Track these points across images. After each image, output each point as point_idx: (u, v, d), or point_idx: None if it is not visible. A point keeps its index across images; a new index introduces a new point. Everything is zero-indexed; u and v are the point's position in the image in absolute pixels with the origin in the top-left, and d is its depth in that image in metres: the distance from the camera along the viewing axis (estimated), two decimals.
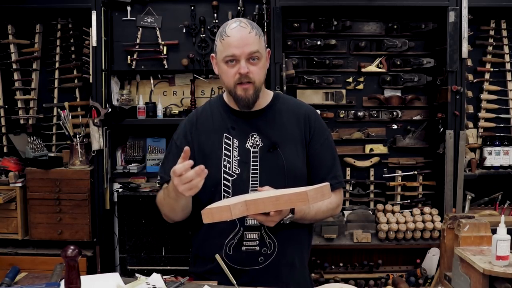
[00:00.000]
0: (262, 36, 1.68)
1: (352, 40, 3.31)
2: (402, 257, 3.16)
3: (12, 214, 3.04)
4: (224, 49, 1.63)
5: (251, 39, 1.61)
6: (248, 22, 1.66)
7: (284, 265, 1.72)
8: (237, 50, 1.60)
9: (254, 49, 1.62)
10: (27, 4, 3.08)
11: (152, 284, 1.50)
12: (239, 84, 1.64)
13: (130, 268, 3.06)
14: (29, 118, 3.34)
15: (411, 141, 3.34)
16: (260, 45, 1.65)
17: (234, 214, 1.43)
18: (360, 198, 3.34)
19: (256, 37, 1.63)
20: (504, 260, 1.43)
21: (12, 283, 1.56)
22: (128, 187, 3.17)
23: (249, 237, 1.69)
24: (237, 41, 1.60)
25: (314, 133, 1.76)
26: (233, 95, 1.69)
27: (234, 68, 1.63)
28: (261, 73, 1.67)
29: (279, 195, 1.41)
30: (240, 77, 1.62)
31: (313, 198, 1.37)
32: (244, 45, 1.60)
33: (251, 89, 1.65)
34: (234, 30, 1.62)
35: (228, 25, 1.65)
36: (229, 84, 1.67)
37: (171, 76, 3.40)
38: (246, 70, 1.61)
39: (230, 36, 1.61)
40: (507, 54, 3.37)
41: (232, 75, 1.64)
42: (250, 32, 1.62)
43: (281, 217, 1.58)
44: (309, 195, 1.35)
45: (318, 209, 1.72)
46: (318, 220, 1.84)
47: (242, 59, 1.61)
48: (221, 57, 1.65)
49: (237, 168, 1.69)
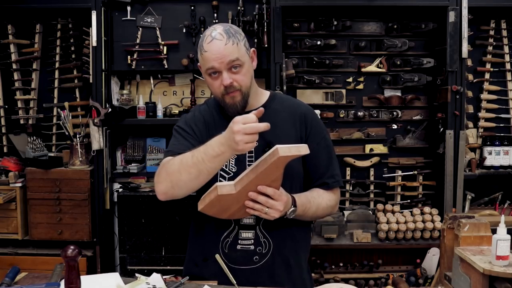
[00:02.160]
0: (242, 40, 1.65)
1: (352, 40, 3.31)
2: (402, 257, 3.16)
3: (12, 214, 3.04)
4: (204, 62, 1.64)
5: (228, 50, 1.60)
6: (224, 31, 1.61)
7: (279, 264, 1.72)
8: (215, 63, 1.60)
9: (233, 58, 1.60)
10: (27, 4, 3.08)
11: (152, 284, 1.50)
12: (225, 94, 1.65)
13: (130, 268, 3.06)
14: (29, 118, 3.34)
15: (411, 141, 3.34)
16: (240, 52, 1.62)
17: (221, 191, 1.43)
18: (360, 198, 3.34)
19: (234, 46, 1.61)
20: (504, 260, 1.43)
21: (12, 283, 1.56)
22: (128, 187, 3.17)
23: (244, 235, 1.69)
24: (214, 55, 1.59)
25: (310, 133, 1.76)
26: (222, 104, 1.69)
27: (217, 80, 1.63)
28: (246, 79, 1.66)
29: (256, 162, 1.43)
30: (225, 88, 1.63)
31: (284, 151, 1.38)
32: (222, 57, 1.59)
33: (238, 96, 1.65)
34: (210, 45, 1.60)
35: (204, 38, 1.63)
36: (216, 94, 1.68)
37: (171, 76, 3.40)
38: (229, 81, 1.61)
39: (207, 51, 1.61)
40: (507, 54, 3.37)
41: (217, 86, 1.65)
42: (226, 43, 1.60)
43: (284, 208, 1.55)
44: (279, 149, 1.37)
45: (318, 205, 1.71)
46: (318, 217, 1.84)
47: (223, 71, 1.61)
48: (204, 70, 1.66)
49: (234, 167, 1.70)
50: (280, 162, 1.42)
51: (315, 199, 1.71)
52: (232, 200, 1.50)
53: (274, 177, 1.49)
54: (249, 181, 1.44)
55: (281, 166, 1.47)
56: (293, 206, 1.60)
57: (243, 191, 1.47)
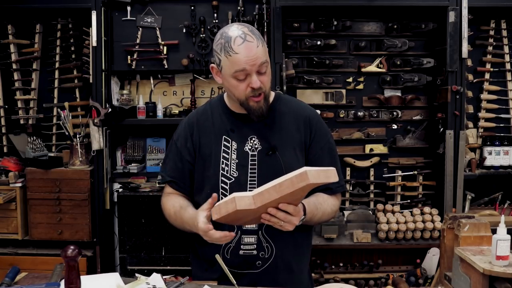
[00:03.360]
0: (264, 41, 1.64)
1: (352, 40, 3.31)
2: (402, 257, 3.16)
3: (12, 214, 3.04)
4: (232, 65, 1.58)
5: (259, 53, 1.58)
6: (252, 33, 1.59)
7: (282, 269, 1.72)
8: (247, 66, 1.57)
9: (264, 60, 1.59)
10: (27, 4, 3.08)
11: (152, 284, 1.50)
12: (251, 96, 1.62)
13: (130, 268, 3.06)
14: (29, 118, 3.34)
15: (411, 141, 3.34)
16: (266, 53, 1.62)
17: (239, 205, 1.40)
18: (360, 198, 3.34)
19: (263, 48, 1.60)
20: (504, 260, 1.43)
21: (12, 283, 1.56)
22: (128, 187, 3.17)
23: (247, 241, 1.68)
24: (246, 57, 1.56)
25: (315, 137, 1.75)
26: (245, 107, 1.66)
27: (244, 82, 1.60)
28: (269, 80, 1.66)
29: (281, 181, 1.39)
30: (253, 91, 1.61)
31: (314, 177, 1.34)
32: (255, 59, 1.57)
33: (262, 99, 1.64)
34: (242, 47, 1.56)
35: (233, 40, 1.57)
36: (240, 97, 1.65)
37: (171, 76, 3.40)
38: (259, 84, 1.60)
39: (238, 53, 1.56)
40: (507, 54, 3.37)
41: (243, 89, 1.61)
42: (257, 46, 1.57)
43: (299, 217, 1.53)
44: (309, 174, 1.32)
45: (324, 211, 1.71)
46: (321, 222, 1.86)
47: (253, 74, 1.59)
48: (229, 72, 1.60)
49: (235, 172, 1.68)
50: (308, 187, 1.39)
51: (322, 205, 1.70)
52: (248, 212, 1.47)
53: (298, 197, 1.46)
54: (271, 200, 1.40)
55: (307, 190, 1.44)
56: (303, 215, 1.58)
57: (262, 206, 1.43)
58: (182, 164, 1.76)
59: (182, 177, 1.78)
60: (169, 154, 1.82)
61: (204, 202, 1.63)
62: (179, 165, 1.77)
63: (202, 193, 1.73)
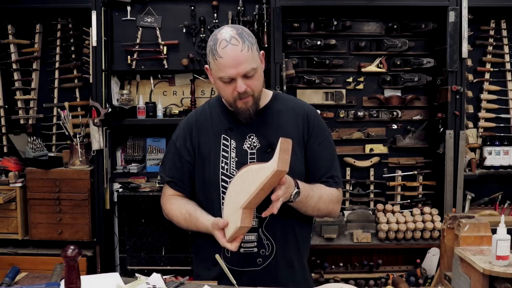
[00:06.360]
0: (254, 44, 1.61)
1: (352, 40, 3.31)
2: (402, 257, 3.16)
3: (12, 214, 3.04)
4: (218, 69, 1.59)
5: (244, 57, 1.55)
6: (238, 35, 1.56)
7: (283, 266, 1.72)
8: (232, 70, 1.56)
9: (249, 68, 1.57)
10: (27, 4, 3.08)
11: (152, 284, 1.50)
12: (238, 99, 1.62)
13: (130, 268, 3.06)
14: (29, 118, 3.34)
15: (411, 141, 3.35)
16: (254, 58, 1.59)
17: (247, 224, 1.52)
18: (360, 198, 3.34)
19: (249, 53, 1.57)
20: (504, 260, 1.44)
21: (12, 283, 1.56)
22: (128, 187, 3.16)
23: (247, 238, 1.68)
24: (230, 62, 1.55)
25: (312, 133, 1.75)
26: (234, 109, 1.67)
27: (231, 85, 1.60)
28: (259, 84, 1.64)
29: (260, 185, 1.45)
30: (239, 94, 1.60)
31: (283, 161, 1.41)
32: (238, 65, 1.55)
33: (250, 101, 1.63)
34: (226, 50, 1.55)
35: (219, 43, 1.56)
36: (227, 99, 1.66)
37: (171, 76, 3.40)
38: (244, 88, 1.59)
39: (223, 57, 1.55)
40: (507, 54, 3.37)
41: (230, 92, 1.61)
42: (242, 49, 1.55)
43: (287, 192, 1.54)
44: (279, 165, 1.40)
45: (320, 196, 1.68)
46: (320, 211, 1.74)
47: (238, 78, 1.58)
48: (216, 76, 1.62)
49: (235, 170, 1.68)
50: (276, 174, 1.44)
51: (317, 188, 1.69)
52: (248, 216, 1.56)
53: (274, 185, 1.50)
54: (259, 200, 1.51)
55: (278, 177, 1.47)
56: (296, 188, 1.57)
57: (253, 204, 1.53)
58: (182, 164, 1.76)
59: (181, 177, 1.78)
60: (168, 154, 1.82)
61: (205, 201, 1.69)
62: (178, 165, 1.77)
63: (203, 191, 1.73)
